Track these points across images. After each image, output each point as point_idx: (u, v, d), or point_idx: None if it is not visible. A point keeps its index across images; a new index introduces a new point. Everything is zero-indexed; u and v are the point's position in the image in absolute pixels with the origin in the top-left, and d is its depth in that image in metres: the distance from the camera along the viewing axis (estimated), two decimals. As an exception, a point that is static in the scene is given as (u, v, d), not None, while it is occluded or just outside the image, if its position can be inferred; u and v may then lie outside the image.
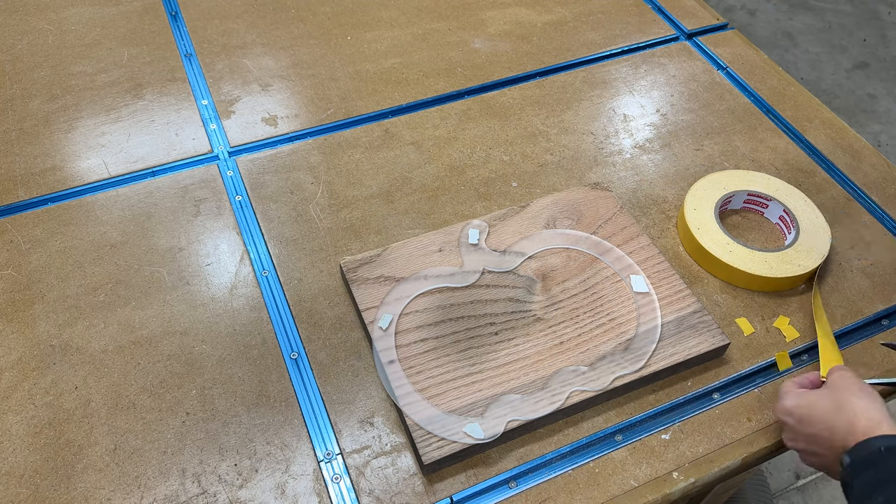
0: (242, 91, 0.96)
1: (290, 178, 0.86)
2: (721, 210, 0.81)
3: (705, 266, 0.77)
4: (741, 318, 0.73)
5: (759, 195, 0.81)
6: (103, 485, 0.61)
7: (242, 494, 0.61)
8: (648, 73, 1.01)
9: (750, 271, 0.74)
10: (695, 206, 0.80)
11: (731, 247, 0.76)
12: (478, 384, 0.65)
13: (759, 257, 0.75)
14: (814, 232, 0.78)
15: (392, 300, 0.71)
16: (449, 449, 0.61)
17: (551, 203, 0.80)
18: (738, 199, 0.83)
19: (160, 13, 1.08)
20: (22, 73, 0.98)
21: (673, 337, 0.68)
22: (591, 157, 0.89)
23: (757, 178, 0.83)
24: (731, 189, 0.82)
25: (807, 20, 2.51)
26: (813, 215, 0.79)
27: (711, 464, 0.63)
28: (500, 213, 0.79)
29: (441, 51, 1.03)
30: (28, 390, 0.67)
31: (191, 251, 0.78)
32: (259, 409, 0.66)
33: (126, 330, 0.71)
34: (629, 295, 0.72)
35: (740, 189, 0.82)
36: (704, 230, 0.77)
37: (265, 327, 0.72)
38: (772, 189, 0.82)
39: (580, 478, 0.62)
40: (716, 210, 0.79)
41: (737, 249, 0.76)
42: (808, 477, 1.45)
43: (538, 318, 0.70)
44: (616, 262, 0.75)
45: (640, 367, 0.66)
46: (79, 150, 0.88)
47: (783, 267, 0.74)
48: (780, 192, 0.81)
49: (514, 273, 0.74)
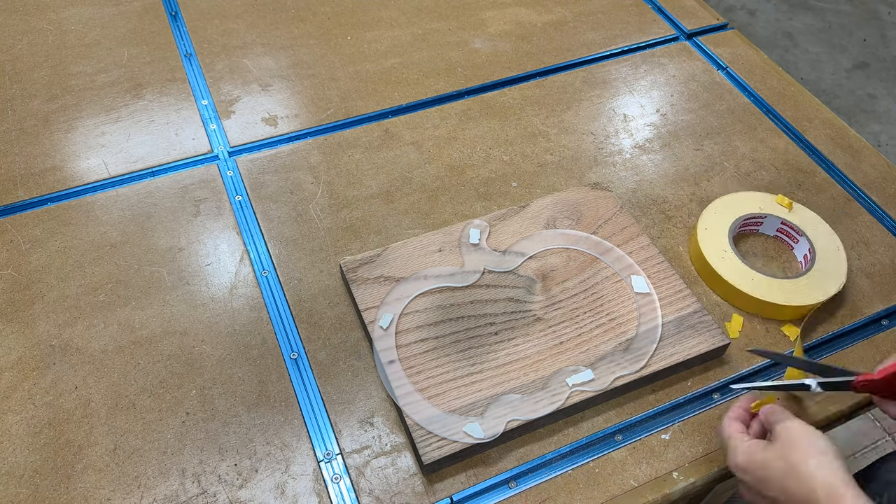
0: (242, 91, 0.97)
1: (290, 178, 0.86)
2: (740, 230, 0.80)
3: (712, 286, 0.76)
4: (737, 316, 0.73)
5: (791, 226, 0.78)
6: (103, 485, 0.61)
7: (242, 494, 0.61)
8: (648, 73, 1.01)
9: (765, 299, 0.72)
10: (706, 225, 0.78)
11: (751, 275, 0.73)
12: (478, 384, 0.65)
13: (776, 284, 0.73)
14: (831, 259, 0.75)
15: (392, 300, 0.71)
16: (449, 449, 0.61)
17: (551, 203, 0.80)
18: (770, 224, 0.80)
19: (160, 13, 1.08)
20: (22, 73, 0.98)
21: (673, 337, 0.68)
22: (591, 157, 0.89)
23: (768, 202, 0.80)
24: (750, 211, 0.79)
25: (807, 20, 2.51)
26: (831, 242, 0.77)
27: (711, 464, 0.63)
28: (500, 213, 0.79)
29: (441, 51, 1.03)
30: (28, 390, 0.67)
31: (191, 251, 0.78)
32: (259, 409, 0.66)
33: (126, 330, 0.71)
34: (629, 295, 0.72)
35: (770, 213, 0.79)
36: (715, 249, 0.75)
37: (265, 327, 0.72)
38: (800, 221, 0.78)
39: (580, 478, 0.62)
40: (731, 232, 0.77)
41: (756, 277, 0.73)
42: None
43: (538, 318, 0.70)
44: (616, 262, 0.75)
45: (640, 367, 0.66)
46: (79, 150, 0.88)
47: (796, 295, 0.72)
48: (807, 223, 0.78)
49: (514, 273, 0.74)
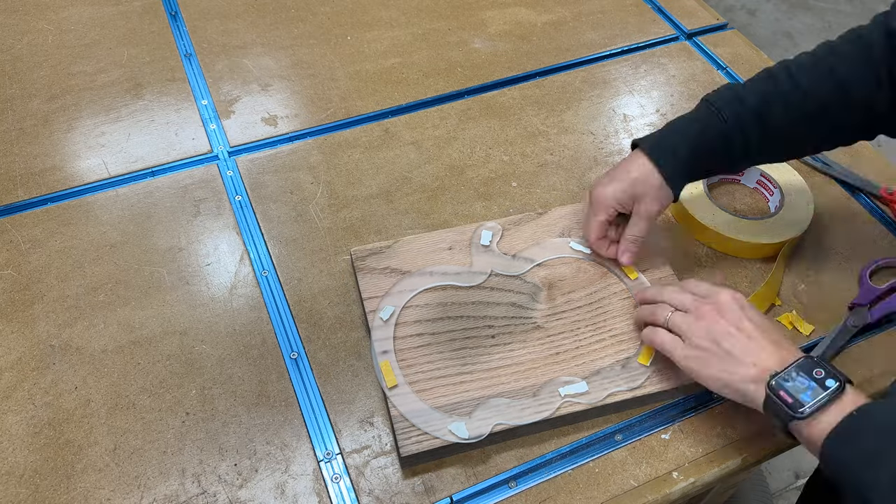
0: (242, 91, 0.97)
1: (290, 178, 0.86)
2: (722, 178, 0.86)
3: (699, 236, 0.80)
4: None
5: (769, 178, 0.84)
6: (103, 485, 0.61)
7: (242, 494, 0.61)
8: (648, 72, 1.01)
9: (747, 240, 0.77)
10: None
11: (713, 210, 0.79)
12: (466, 384, 0.65)
13: (735, 221, 0.79)
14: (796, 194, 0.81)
15: (396, 292, 0.71)
16: (428, 444, 0.60)
17: (570, 213, 0.79)
18: (751, 176, 0.85)
19: (160, 13, 1.08)
20: (22, 73, 0.98)
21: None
22: (591, 156, 0.89)
23: None
24: None
25: (807, 20, 2.51)
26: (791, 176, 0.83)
27: (711, 464, 0.63)
28: (516, 217, 0.79)
29: (441, 51, 1.03)
30: (28, 390, 0.67)
31: (191, 251, 0.78)
32: (259, 409, 0.66)
33: (126, 330, 0.71)
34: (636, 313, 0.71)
35: None
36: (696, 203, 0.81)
37: (265, 327, 0.72)
38: None
39: (580, 478, 0.62)
40: (704, 184, 0.82)
41: (717, 213, 0.79)
42: (808, 477, 1.45)
43: (538, 325, 0.70)
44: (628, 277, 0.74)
45: (636, 386, 0.65)
46: (78, 150, 0.88)
47: (754, 233, 0.77)
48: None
49: (521, 279, 0.73)
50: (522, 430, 0.63)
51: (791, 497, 1.42)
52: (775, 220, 0.79)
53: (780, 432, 0.56)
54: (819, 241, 0.80)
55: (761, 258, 0.78)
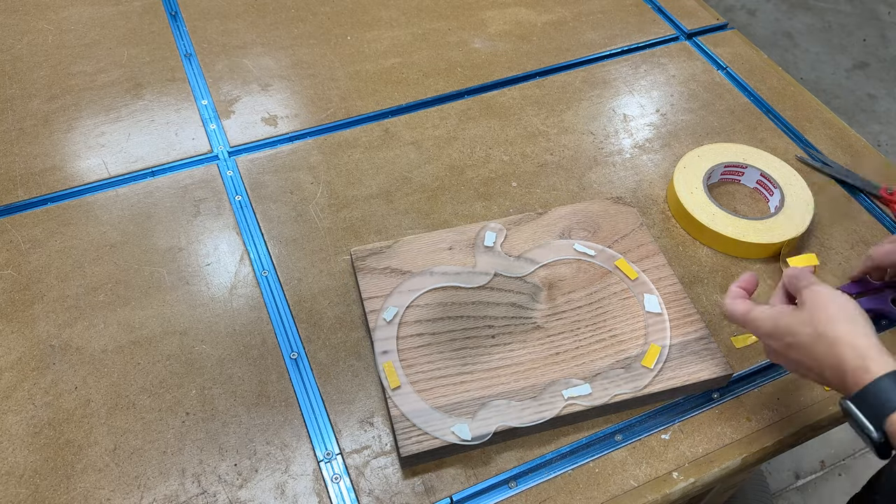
0: (242, 91, 0.97)
1: (290, 178, 0.86)
2: (722, 178, 0.86)
3: (698, 237, 0.80)
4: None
5: (769, 178, 0.84)
6: (103, 485, 0.61)
7: (242, 494, 0.61)
8: (648, 72, 1.01)
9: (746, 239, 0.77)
10: (686, 164, 0.84)
11: (712, 209, 0.80)
12: (466, 384, 0.65)
13: (733, 221, 0.79)
14: (796, 194, 0.81)
15: (398, 292, 0.71)
16: (428, 444, 0.60)
17: (570, 213, 0.79)
18: (751, 176, 0.85)
19: (160, 13, 1.08)
20: (22, 73, 0.98)
21: (675, 360, 0.67)
22: (591, 156, 0.89)
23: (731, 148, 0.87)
24: (732, 159, 0.85)
25: (807, 20, 2.51)
26: (792, 177, 0.83)
27: (711, 464, 0.63)
28: (516, 217, 0.79)
29: (441, 51, 1.03)
30: (28, 390, 0.67)
31: (191, 251, 0.78)
32: (259, 409, 0.66)
33: (126, 330, 0.71)
34: (636, 313, 0.71)
35: (750, 165, 0.85)
36: (696, 203, 0.81)
37: (265, 327, 0.72)
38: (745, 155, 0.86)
39: (580, 478, 0.62)
40: (707, 172, 0.83)
41: (717, 212, 0.79)
42: (808, 477, 1.45)
43: (538, 326, 0.70)
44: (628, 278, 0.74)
45: (640, 387, 0.65)
46: (78, 150, 0.88)
47: (752, 234, 0.78)
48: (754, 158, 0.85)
49: (521, 279, 0.73)
50: (523, 431, 0.63)
51: (791, 497, 1.42)
52: (775, 220, 0.79)
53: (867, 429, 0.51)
54: (819, 241, 0.80)
55: (761, 258, 0.78)
